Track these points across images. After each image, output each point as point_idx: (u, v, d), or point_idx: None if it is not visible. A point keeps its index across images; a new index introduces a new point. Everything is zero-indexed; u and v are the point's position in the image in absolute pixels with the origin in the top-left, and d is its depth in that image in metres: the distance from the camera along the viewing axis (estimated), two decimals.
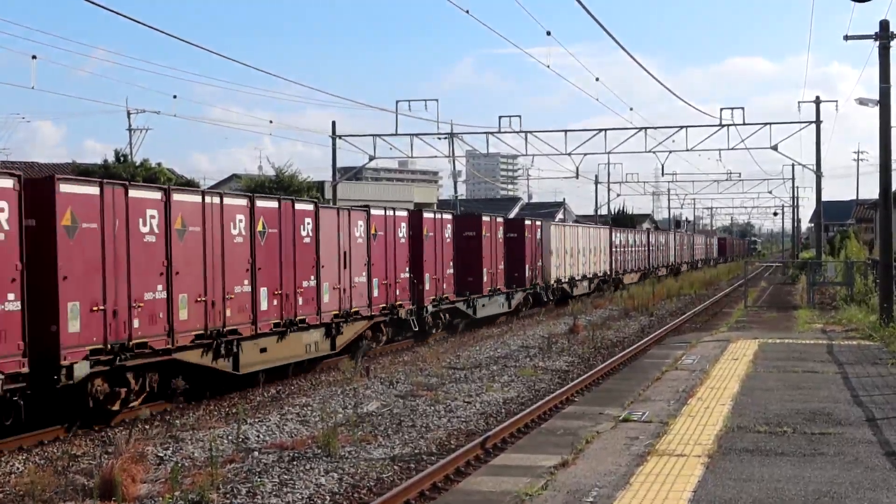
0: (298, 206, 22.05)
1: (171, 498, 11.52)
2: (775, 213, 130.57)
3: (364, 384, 20.52)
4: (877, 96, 28.77)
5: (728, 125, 43.52)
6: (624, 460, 12.16)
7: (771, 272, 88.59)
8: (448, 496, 11.67)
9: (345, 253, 24.04)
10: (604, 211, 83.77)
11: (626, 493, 10.54)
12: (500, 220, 36.46)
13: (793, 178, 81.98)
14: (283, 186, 46.28)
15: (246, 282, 19.67)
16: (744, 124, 43.55)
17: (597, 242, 51.10)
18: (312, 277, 22.35)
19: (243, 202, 19.92)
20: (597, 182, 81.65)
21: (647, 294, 46.64)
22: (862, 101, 31.19)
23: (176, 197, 17.66)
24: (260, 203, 20.36)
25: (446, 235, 30.74)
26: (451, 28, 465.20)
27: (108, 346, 15.91)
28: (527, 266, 38.18)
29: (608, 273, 53.76)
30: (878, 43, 28.26)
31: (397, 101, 43.14)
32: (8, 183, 14.19)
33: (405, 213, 28.21)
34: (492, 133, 44.96)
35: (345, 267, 24.00)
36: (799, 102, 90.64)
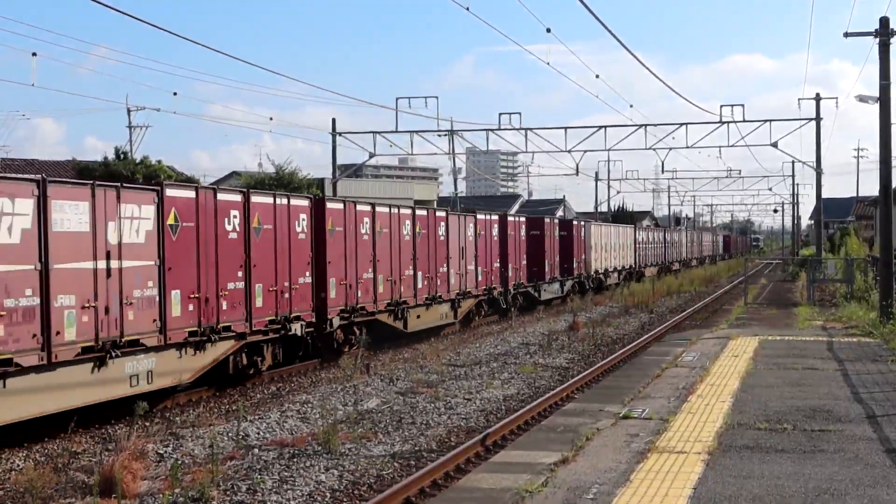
0: (439, 213, 31.03)
1: (172, 495, 11.51)
2: (775, 211, 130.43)
3: (364, 381, 20.53)
4: (877, 93, 28.77)
5: (728, 122, 43.52)
6: (624, 457, 12.16)
7: (771, 269, 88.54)
8: (448, 493, 11.67)
9: (462, 248, 32.47)
10: (604, 208, 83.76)
11: (626, 489, 10.55)
12: (556, 221, 45.26)
13: (793, 175, 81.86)
14: (283, 184, 46.25)
15: (411, 267, 28.25)
16: (744, 121, 43.57)
17: (624, 240, 58.70)
18: (445, 265, 30.83)
19: (408, 211, 28.57)
20: (597, 179, 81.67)
21: (646, 291, 46.67)
22: (862, 98, 31.16)
23: (378, 209, 26.17)
24: (418, 212, 29.16)
25: (521, 234, 38.67)
26: (452, 25, 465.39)
27: (347, 308, 24.10)
28: (574, 259, 45.86)
29: (633, 266, 61.16)
30: (878, 40, 28.24)
31: (397, 99, 43.13)
32: (304, 202, 22.56)
33: (497, 217, 36.72)
34: (492, 130, 44.93)
35: (462, 258, 32.47)
36: (799, 99, 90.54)
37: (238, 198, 19.74)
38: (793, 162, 77.60)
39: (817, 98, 49.99)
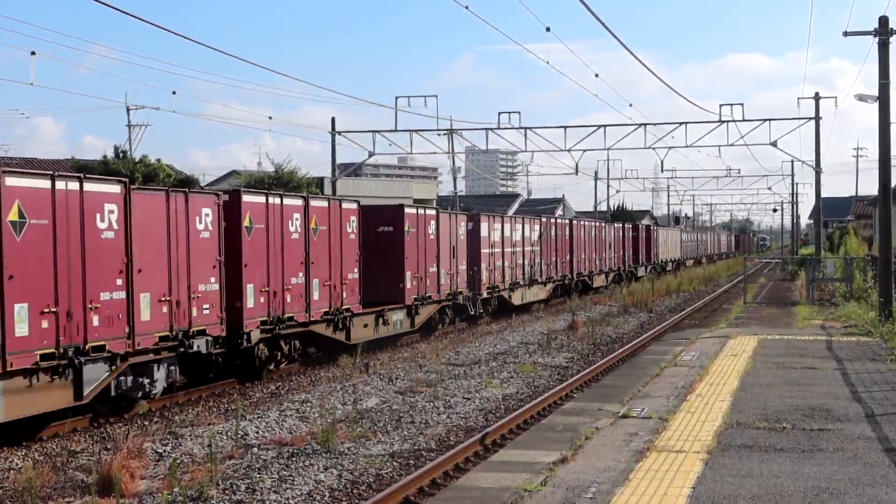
0: (600, 223, 49.02)
1: (170, 494, 11.52)
2: (775, 210, 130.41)
3: (363, 380, 20.53)
4: (876, 92, 28.76)
5: (727, 121, 43.47)
6: (623, 456, 12.16)
7: (770, 268, 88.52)
8: (447, 492, 11.67)
9: (609, 243, 52.96)
10: (603, 207, 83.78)
11: (625, 489, 10.55)
12: (643, 225, 66.74)
13: (792, 175, 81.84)
14: (282, 182, 46.23)
15: (595, 254, 48.84)
16: (743, 120, 43.51)
17: (674, 239, 78.99)
18: (604, 253, 51.64)
19: (591, 223, 48.93)
20: (596, 178, 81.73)
21: (646, 290, 46.66)
22: (861, 98, 31.12)
23: (583, 223, 46.57)
24: (597, 223, 45.22)
25: (630, 234, 60.16)
26: (451, 24, 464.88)
27: (571, 275, 44.96)
28: (652, 251, 66.90)
29: (679, 258, 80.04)
30: (877, 39, 28.22)
31: (396, 98, 43.00)
32: (566, 222, 45.19)
33: (621, 224, 59.29)
34: (491, 129, 44.83)
35: (610, 248, 53.20)
36: (798, 99, 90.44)
37: (539, 220, 41.68)
38: (792, 161, 77.70)
39: (816, 97, 49.94)
